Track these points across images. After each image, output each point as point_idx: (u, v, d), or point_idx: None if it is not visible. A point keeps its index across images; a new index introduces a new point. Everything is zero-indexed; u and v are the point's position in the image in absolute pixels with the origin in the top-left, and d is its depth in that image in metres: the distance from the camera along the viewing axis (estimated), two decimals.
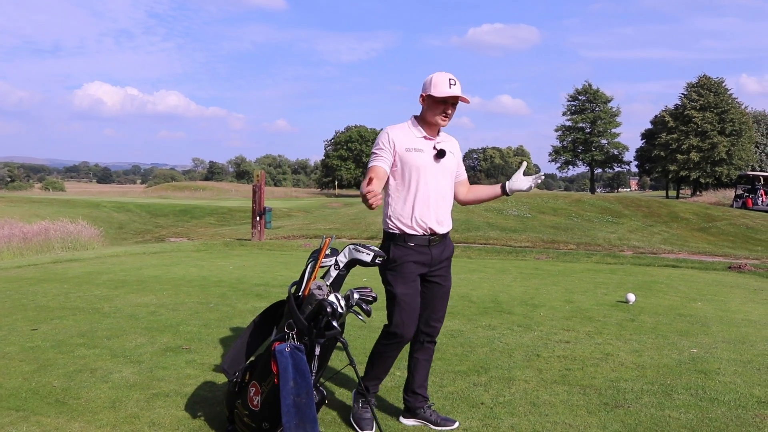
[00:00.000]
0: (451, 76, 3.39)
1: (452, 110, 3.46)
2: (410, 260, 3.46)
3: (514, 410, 3.90)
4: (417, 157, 3.43)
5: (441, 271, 3.60)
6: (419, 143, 3.46)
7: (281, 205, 34.24)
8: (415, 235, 3.46)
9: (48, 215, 23.47)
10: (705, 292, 8.46)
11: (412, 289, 3.47)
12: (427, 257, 3.49)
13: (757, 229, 22.72)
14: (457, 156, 3.65)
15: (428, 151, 3.46)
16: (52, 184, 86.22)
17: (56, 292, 7.83)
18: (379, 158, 3.43)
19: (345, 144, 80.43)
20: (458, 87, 3.39)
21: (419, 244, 3.47)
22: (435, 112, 3.42)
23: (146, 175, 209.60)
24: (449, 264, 3.66)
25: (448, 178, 3.56)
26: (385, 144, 3.43)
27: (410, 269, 3.46)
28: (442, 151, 3.47)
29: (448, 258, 3.63)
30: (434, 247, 3.52)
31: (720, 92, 60.88)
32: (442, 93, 3.36)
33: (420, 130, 3.49)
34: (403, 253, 3.47)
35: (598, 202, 26.57)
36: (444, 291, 3.64)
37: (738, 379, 4.53)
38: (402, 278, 3.46)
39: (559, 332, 5.93)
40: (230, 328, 5.97)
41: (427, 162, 3.44)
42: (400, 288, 3.45)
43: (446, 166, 3.53)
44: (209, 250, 14.22)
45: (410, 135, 3.48)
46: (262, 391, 3.12)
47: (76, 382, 4.36)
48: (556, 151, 72.23)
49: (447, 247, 3.63)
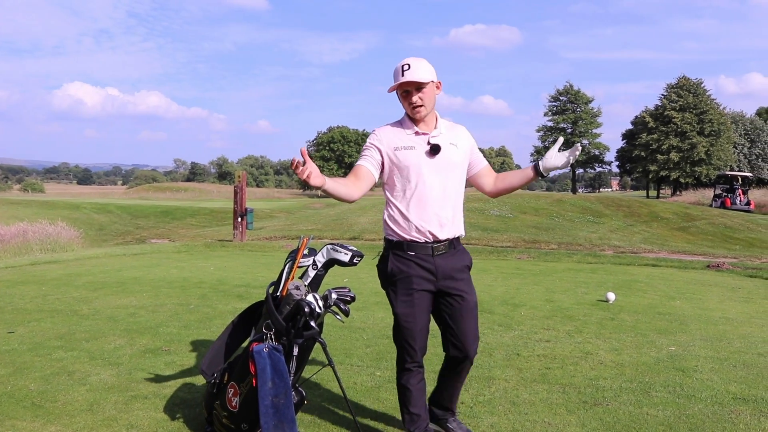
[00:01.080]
0: (407, 61, 3.10)
1: (419, 96, 3.11)
2: (412, 273, 3.13)
3: (493, 409, 3.91)
4: (408, 155, 3.14)
5: (458, 283, 3.21)
6: (410, 140, 3.17)
7: (263, 206, 34.12)
8: (416, 243, 3.14)
9: (27, 217, 23.17)
10: (684, 290, 8.54)
11: (414, 307, 3.14)
12: (432, 268, 3.14)
13: (736, 228, 22.99)
14: (464, 146, 3.28)
15: (421, 147, 3.15)
16: (32, 185, 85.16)
17: (34, 295, 7.74)
18: (363, 157, 3.22)
19: (327, 145, 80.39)
20: (412, 71, 3.06)
21: (421, 253, 3.14)
22: (405, 106, 3.17)
23: (127, 176, 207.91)
24: (468, 275, 3.29)
25: (451, 174, 3.19)
26: (371, 144, 3.21)
27: (412, 284, 3.13)
28: (436, 145, 3.13)
29: (462, 269, 3.25)
30: (440, 256, 3.16)
31: (699, 93, 61.64)
32: (395, 82, 3.11)
33: (411, 126, 3.20)
34: (404, 264, 3.15)
35: (580, 202, 26.76)
36: (468, 306, 3.23)
37: (715, 376, 4.58)
38: (403, 295, 3.15)
39: (539, 331, 5.96)
40: (210, 329, 5.94)
41: (421, 159, 3.13)
42: (399, 307, 3.16)
43: (447, 161, 3.17)
44: (190, 251, 14.13)
45: (400, 133, 3.20)
46: (240, 392, 3.11)
47: (52, 385, 4.31)
48: (538, 152, 72.57)
49: (458, 256, 3.25)
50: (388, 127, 3.25)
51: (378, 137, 3.20)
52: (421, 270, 3.13)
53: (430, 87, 3.13)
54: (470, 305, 3.25)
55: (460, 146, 3.24)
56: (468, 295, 3.24)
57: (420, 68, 3.09)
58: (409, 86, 3.09)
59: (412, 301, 3.13)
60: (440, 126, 3.23)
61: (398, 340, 3.22)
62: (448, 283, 3.17)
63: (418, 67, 3.09)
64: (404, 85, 3.10)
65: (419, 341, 3.19)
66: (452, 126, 3.32)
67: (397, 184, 3.18)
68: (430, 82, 3.13)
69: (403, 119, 3.24)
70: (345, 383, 3.90)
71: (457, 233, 3.23)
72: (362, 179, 3.16)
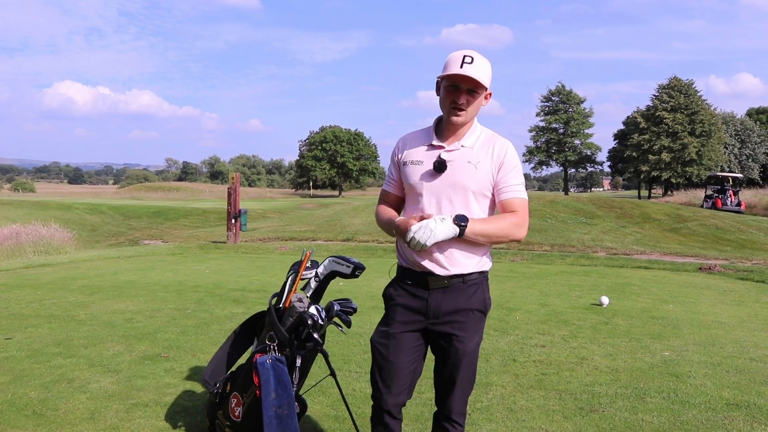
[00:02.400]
0: (470, 53, 2.56)
1: (468, 100, 2.58)
2: (400, 302, 2.69)
3: (491, 416, 3.97)
4: (413, 171, 2.68)
5: (450, 327, 2.63)
6: (421, 153, 2.69)
7: (256, 206, 34.08)
8: (412, 271, 2.68)
9: (19, 218, 23.10)
10: (676, 293, 8.63)
11: (389, 340, 2.67)
12: (422, 304, 2.65)
13: (727, 229, 23.13)
14: (486, 167, 2.61)
15: (429, 162, 2.64)
16: (22, 184, 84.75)
17: (30, 299, 7.74)
18: (386, 181, 2.86)
19: (320, 144, 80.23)
20: (474, 67, 2.53)
21: (416, 283, 2.67)
22: (444, 102, 2.64)
23: (119, 175, 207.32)
24: (471, 319, 2.66)
25: (457, 198, 2.60)
26: (391, 160, 2.82)
27: (396, 314, 2.69)
28: (440, 162, 2.60)
29: (464, 311, 2.64)
30: (437, 291, 2.63)
31: (690, 94, 61.94)
32: (448, 71, 2.56)
33: (432, 134, 2.71)
34: (395, 291, 2.73)
35: (572, 203, 26.86)
36: (457, 355, 2.63)
37: (708, 381, 4.65)
38: (383, 324, 2.74)
39: (534, 336, 6.02)
40: (208, 335, 5.97)
41: (423, 177, 2.64)
42: (375, 335, 2.74)
43: (454, 183, 2.60)
44: (184, 253, 14.13)
45: (419, 143, 2.74)
46: (243, 402, 3.15)
47: (53, 393, 4.33)
48: (530, 152, 72.82)
49: (462, 297, 2.64)
50: (411, 135, 2.81)
51: (396, 149, 2.81)
52: (411, 300, 2.67)
53: (482, 94, 2.63)
54: (459, 354, 2.63)
55: (481, 166, 2.61)
56: (461, 342, 2.63)
57: (483, 67, 2.58)
58: (463, 82, 2.57)
59: (389, 334, 2.68)
60: (470, 137, 2.66)
61: (371, 377, 2.75)
62: (437, 323, 2.64)
63: (482, 66, 2.57)
64: (457, 79, 2.57)
65: (394, 385, 2.66)
66: (490, 139, 2.69)
67: (407, 203, 2.77)
68: (484, 89, 2.62)
69: (430, 127, 2.76)
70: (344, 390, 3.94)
71: (466, 269, 2.64)
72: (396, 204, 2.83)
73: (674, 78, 63.16)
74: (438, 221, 2.47)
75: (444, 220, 2.47)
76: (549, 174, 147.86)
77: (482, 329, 2.73)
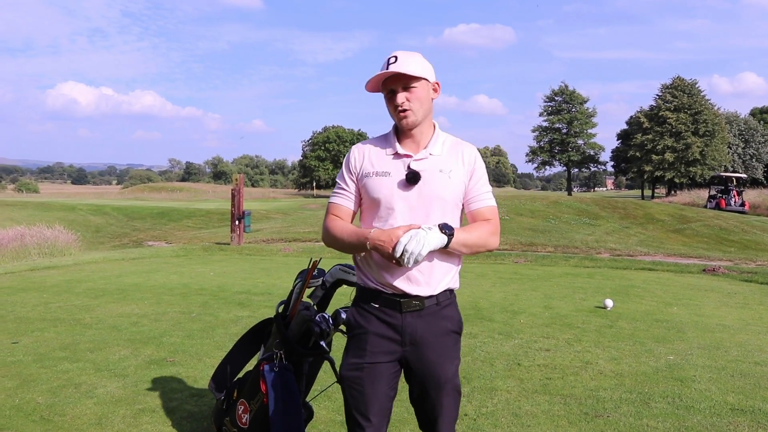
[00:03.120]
0: (394, 54, 2.42)
1: (407, 98, 2.41)
2: (371, 330, 2.44)
3: (497, 421, 3.98)
4: (379, 184, 2.44)
5: (428, 353, 2.44)
6: (386, 163, 2.46)
7: (259, 207, 34.12)
8: (381, 293, 2.44)
9: (23, 219, 23.16)
10: (681, 296, 8.63)
11: (366, 371, 2.43)
12: (396, 330, 2.42)
13: (730, 230, 23.12)
14: (459, 176, 2.46)
15: (398, 173, 2.43)
16: (26, 185, 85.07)
17: (35, 302, 7.77)
18: (337, 193, 2.56)
19: (323, 144, 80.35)
20: (399, 63, 2.38)
21: (386, 306, 2.43)
22: (390, 111, 2.46)
23: (122, 175, 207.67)
24: (449, 342, 2.49)
25: (434, 211, 2.41)
26: (343, 171, 2.56)
27: (367, 343, 2.44)
28: (413, 173, 2.39)
29: (442, 333, 2.46)
30: (410, 314, 2.42)
31: (693, 93, 61.91)
32: (373, 78, 2.41)
33: (394, 143, 2.49)
34: (363, 317, 2.47)
35: (575, 203, 26.87)
36: (438, 383, 2.45)
37: (713, 386, 4.66)
38: (353, 356, 2.47)
39: (539, 340, 6.03)
40: (213, 339, 5.99)
41: (394, 190, 2.41)
42: (344, 368, 2.48)
43: (430, 194, 2.41)
44: (189, 255, 14.17)
45: (379, 153, 2.50)
46: (250, 409, 3.17)
47: (60, 398, 4.35)
48: (533, 152, 72.86)
49: (440, 318, 2.47)
50: (369, 143, 2.56)
51: (352, 159, 2.53)
52: (383, 327, 2.43)
53: (424, 86, 2.43)
54: (442, 380, 2.45)
55: (454, 175, 2.45)
56: (440, 368, 2.45)
57: (410, 61, 2.40)
58: (394, 83, 2.40)
59: (362, 365, 2.43)
60: (436, 144, 2.49)
61: (346, 413, 2.51)
62: (416, 349, 2.44)
63: (408, 60, 2.40)
64: (388, 82, 2.41)
65: (375, 417, 2.45)
66: (456, 145, 2.53)
67: (367, 218, 2.50)
68: (424, 80, 2.42)
69: (389, 134, 2.55)
70: None
71: (442, 287, 2.46)
72: (348, 217, 2.56)
73: (677, 78, 63.15)
74: (426, 230, 2.29)
75: (432, 229, 2.29)
76: (552, 174, 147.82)
77: (459, 351, 2.55)
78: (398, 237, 2.27)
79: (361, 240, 2.37)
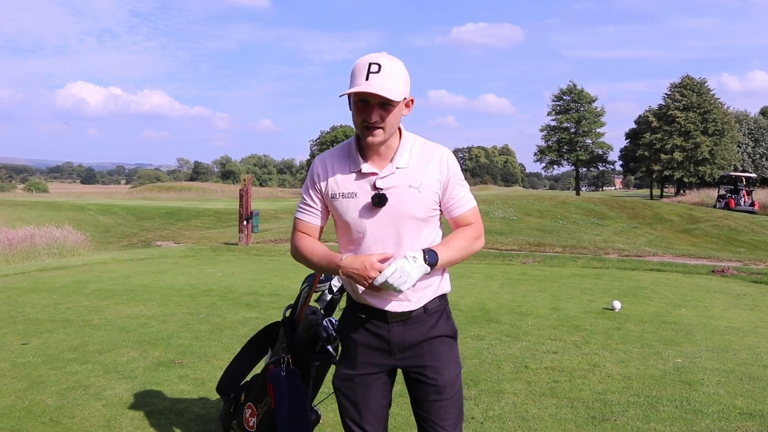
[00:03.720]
0: (376, 60, 2.16)
1: (381, 116, 2.17)
2: (359, 341, 2.38)
3: (504, 425, 3.98)
4: (347, 206, 2.30)
5: (421, 358, 2.36)
6: (350, 184, 2.30)
7: (267, 206, 34.20)
8: (366, 305, 2.36)
9: (33, 219, 23.32)
10: (689, 297, 8.59)
11: (358, 382, 2.38)
12: (383, 340, 2.35)
13: (740, 230, 23.03)
14: (430, 188, 2.29)
15: (364, 194, 2.27)
16: (36, 185, 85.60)
17: (45, 303, 7.82)
18: (303, 210, 2.43)
19: (331, 144, 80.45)
20: (381, 79, 2.13)
21: (374, 317, 2.36)
22: (356, 121, 2.22)
23: (131, 175, 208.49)
24: (442, 347, 2.40)
25: (407, 229, 2.28)
26: (310, 186, 2.40)
27: (357, 355, 2.39)
28: (379, 195, 2.24)
29: (432, 339, 2.38)
30: (396, 324, 2.34)
31: (702, 92, 61.59)
32: (352, 87, 2.17)
33: (357, 158, 2.29)
34: (352, 328, 2.41)
35: (584, 203, 26.80)
36: (436, 389, 2.36)
37: (721, 389, 4.64)
38: (344, 366, 2.43)
39: (546, 342, 6.02)
40: (221, 340, 6.01)
41: (362, 212, 2.28)
42: (336, 378, 2.44)
43: (400, 213, 2.26)
44: (197, 255, 14.22)
45: (342, 170, 2.33)
46: (258, 412, 3.18)
47: (69, 399, 4.39)
48: (542, 151, 72.66)
49: (425, 326, 2.37)
50: (332, 158, 2.37)
51: (316, 177, 2.37)
52: (371, 338, 2.36)
53: (401, 105, 2.22)
54: (439, 386, 2.36)
55: (424, 188, 2.28)
56: (437, 373, 2.36)
57: (393, 77, 2.17)
58: (371, 96, 2.15)
59: (353, 376, 2.39)
60: (402, 155, 2.29)
61: (343, 422, 2.47)
62: (408, 356, 2.37)
63: (391, 75, 2.16)
64: (364, 94, 2.15)
65: (370, 425, 2.41)
66: (426, 152, 2.33)
67: (341, 237, 2.42)
68: (401, 100, 2.21)
69: (350, 147, 2.35)
70: None
71: (424, 301, 2.37)
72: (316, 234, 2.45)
73: (686, 76, 62.82)
74: (411, 261, 2.18)
75: (416, 259, 2.19)
76: (560, 173, 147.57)
77: (458, 357, 2.44)
78: (372, 265, 2.17)
79: (332, 266, 2.30)
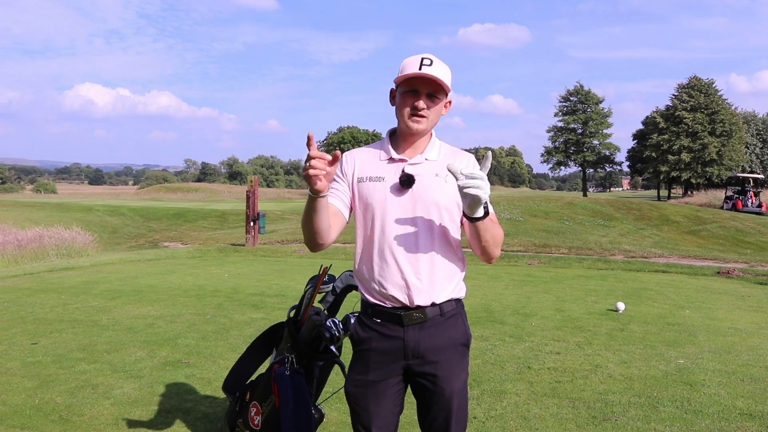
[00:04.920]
0: (428, 56, 2.31)
1: (428, 105, 2.31)
2: (373, 347, 2.36)
3: (505, 424, 4.03)
4: (373, 189, 2.34)
5: (433, 367, 2.34)
6: (380, 169, 2.37)
7: (274, 207, 34.33)
8: (381, 308, 2.35)
9: (41, 220, 23.50)
10: (693, 299, 8.62)
11: (371, 388, 2.37)
12: (398, 344, 2.33)
13: (747, 231, 22.97)
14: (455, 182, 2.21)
15: (392, 178, 2.34)
16: (44, 186, 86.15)
17: (54, 304, 7.91)
18: (331, 192, 2.36)
19: (338, 145, 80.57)
20: (434, 68, 2.27)
21: (387, 321, 2.34)
22: (402, 108, 2.32)
23: (138, 176, 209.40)
24: (455, 356, 2.37)
25: (429, 216, 2.31)
26: (339, 173, 2.42)
27: (371, 361, 2.37)
28: (408, 176, 2.30)
29: (446, 348, 2.35)
30: (412, 327, 2.32)
31: (710, 93, 61.33)
32: (406, 72, 2.29)
33: (389, 148, 2.40)
34: (364, 333, 2.41)
35: (590, 205, 26.79)
36: (443, 397, 2.34)
37: (722, 390, 4.67)
38: (357, 371, 2.41)
39: (549, 343, 6.06)
40: (227, 341, 6.08)
41: (387, 195, 2.32)
42: (349, 384, 2.43)
43: (425, 199, 2.31)
44: (204, 256, 14.31)
45: (373, 159, 2.42)
46: (262, 411, 3.24)
47: (78, 398, 4.46)
48: (548, 152, 72.53)
49: (445, 330, 2.36)
50: (363, 149, 2.49)
51: (346, 163, 2.43)
52: (385, 342, 2.35)
53: (443, 101, 2.37)
54: (447, 395, 2.34)
55: (450, 180, 2.28)
56: (446, 382, 2.34)
57: (444, 72, 2.31)
58: (421, 84, 2.29)
59: (367, 382, 2.37)
60: (432, 151, 2.39)
61: (352, 425, 2.46)
62: (420, 362, 2.34)
63: (442, 70, 2.30)
64: (416, 82, 2.29)
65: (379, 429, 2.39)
66: (453, 153, 2.43)
67: (360, 226, 2.41)
68: (445, 95, 2.37)
69: (384, 141, 2.45)
70: None
71: (441, 297, 2.34)
72: (335, 218, 2.35)
73: (694, 77, 62.57)
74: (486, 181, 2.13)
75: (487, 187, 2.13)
76: (567, 174, 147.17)
77: (467, 365, 2.44)
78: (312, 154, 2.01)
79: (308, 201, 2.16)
